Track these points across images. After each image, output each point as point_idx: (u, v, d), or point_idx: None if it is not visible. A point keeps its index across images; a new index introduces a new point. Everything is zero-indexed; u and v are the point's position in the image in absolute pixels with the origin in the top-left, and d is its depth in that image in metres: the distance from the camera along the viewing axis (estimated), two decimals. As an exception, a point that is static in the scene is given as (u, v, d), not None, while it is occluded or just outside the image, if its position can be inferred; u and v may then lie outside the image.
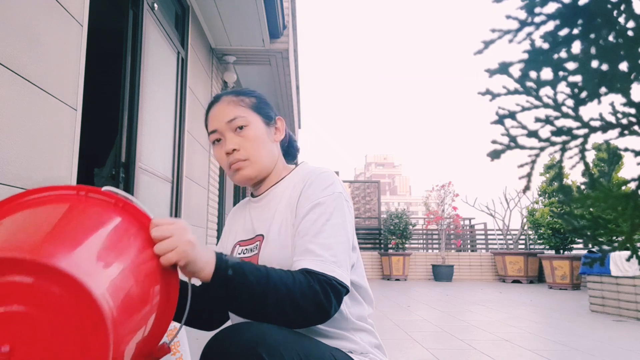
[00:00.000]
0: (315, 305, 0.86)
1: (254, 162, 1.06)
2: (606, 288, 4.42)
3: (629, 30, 0.33)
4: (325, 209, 0.97)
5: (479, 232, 10.47)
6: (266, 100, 1.14)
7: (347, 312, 1.00)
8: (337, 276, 0.89)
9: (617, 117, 0.36)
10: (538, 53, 0.36)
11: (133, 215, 0.75)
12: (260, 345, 0.76)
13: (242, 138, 1.05)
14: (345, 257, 0.94)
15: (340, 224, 0.96)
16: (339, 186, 1.02)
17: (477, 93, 0.38)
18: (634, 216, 0.36)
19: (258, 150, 1.06)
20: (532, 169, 0.38)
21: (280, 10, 4.35)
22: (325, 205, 0.97)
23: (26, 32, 1.56)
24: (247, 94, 1.11)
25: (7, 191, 1.44)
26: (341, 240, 0.95)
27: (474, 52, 0.37)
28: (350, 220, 1.01)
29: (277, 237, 1.00)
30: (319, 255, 0.91)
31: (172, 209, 3.44)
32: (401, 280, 8.69)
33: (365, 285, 1.07)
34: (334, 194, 0.99)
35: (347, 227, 0.98)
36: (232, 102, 1.08)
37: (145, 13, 2.84)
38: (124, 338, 0.61)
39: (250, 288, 0.82)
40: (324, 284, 0.87)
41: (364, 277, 1.08)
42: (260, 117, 1.09)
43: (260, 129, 1.07)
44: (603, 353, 2.63)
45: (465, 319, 3.87)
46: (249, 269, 0.83)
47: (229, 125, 1.05)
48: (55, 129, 1.73)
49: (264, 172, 1.09)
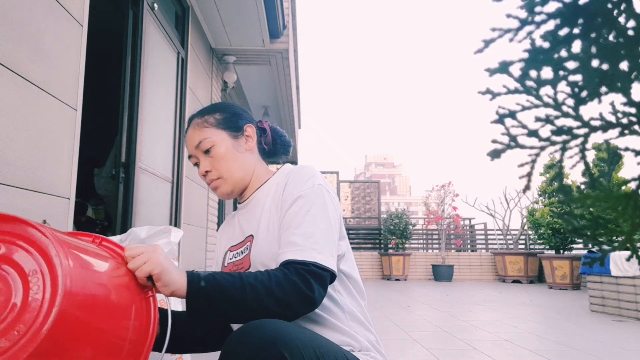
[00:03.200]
0: (297, 295, 0.87)
1: (228, 179, 1.11)
2: (606, 288, 4.42)
3: (630, 30, 0.33)
4: (306, 201, 0.99)
5: (479, 232, 10.47)
6: (235, 110, 1.16)
7: (342, 301, 1.01)
8: (317, 261, 0.90)
9: (617, 117, 0.36)
10: (538, 52, 0.35)
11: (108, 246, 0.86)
12: (280, 343, 0.77)
13: (212, 159, 1.10)
14: (328, 243, 0.95)
15: (322, 213, 0.98)
16: (319, 178, 1.04)
17: (478, 92, 0.38)
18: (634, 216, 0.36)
19: (228, 167, 1.10)
20: (532, 168, 0.38)
21: (280, 10, 4.35)
22: (306, 197, 0.99)
23: (26, 32, 1.56)
24: (211, 111, 1.14)
25: (7, 191, 1.44)
26: (322, 227, 0.96)
27: (474, 51, 0.37)
28: (334, 209, 1.02)
29: (266, 235, 1.02)
30: (299, 245, 0.92)
31: (172, 209, 3.43)
32: (401, 280, 8.69)
33: (356, 276, 1.08)
34: (314, 186, 1.01)
35: (330, 216, 0.99)
36: (198, 125, 1.12)
37: (145, 13, 2.84)
38: (88, 324, 0.69)
39: (226, 293, 0.84)
40: (301, 272, 0.88)
41: (355, 269, 1.09)
42: (226, 132, 1.12)
43: (226, 145, 1.11)
44: (603, 353, 2.63)
45: (465, 319, 3.86)
46: (221, 276, 0.86)
47: (198, 149, 1.11)
48: (55, 129, 1.73)
49: (241, 184, 1.13)
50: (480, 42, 0.36)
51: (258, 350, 0.77)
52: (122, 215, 2.58)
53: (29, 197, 1.56)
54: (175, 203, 3.47)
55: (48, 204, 1.67)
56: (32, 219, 1.56)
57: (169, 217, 3.38)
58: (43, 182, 1.64)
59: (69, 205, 1.83)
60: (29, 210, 1.55)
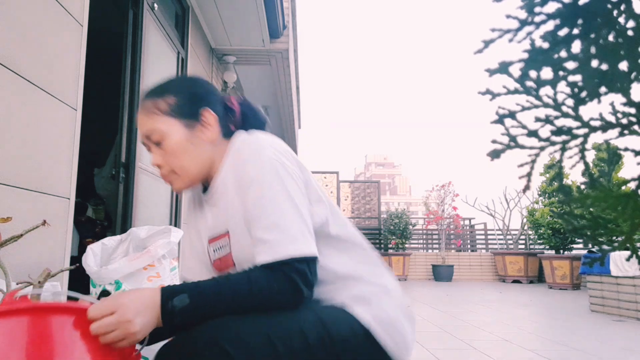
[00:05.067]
0: (284, 297, 0.82)
1: (181, 174, 0.98)
2: (606, 288, 4.42)
3: (629, 30, 0.33)
4: (257, 186, 0.88)
5: (479, 232, 10.47)
6: (193, 91, 1.01)
7: (331, 265, 0.94)
8: (292, 254, 0.83)
9: (617, 117, 0.36)
10: (538, 52, 0.36)
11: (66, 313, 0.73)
12: (220, 337, 0.74)
13: (163, 152, 0.97)
14: (298, 225, 0.86)
15: (280, 192, 0.87)
16: (266, 149, 0.91)
17: (478, 93, 0.38)
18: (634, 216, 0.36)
19: (181, 162, 0.96)
20: (532, 168, 0.38)
21: (280, 10, 4.35)
22: (256, 181, 0.88)
23: (26, 32, 1.56)
24: (164, 92, 0.99)
25: (7, 191, 1.44)
26: (285, 209, 0.86)
27: (474, 51, 0.37)
28: (294, 179, 0.91)
29: (242, 230, 0.93)
30: (266, 242, 0.84)
31: (172, 209, 3.44)
32: (401, 280, 8.69)
33: (347, 234, 0.98)
34: (263, 163, 0.89)
35: (290, 190, 0.88)
36: (148, 109, 0.98)
37: (145, 13, 2.84)
38: None
39: (207, 312, 0.79)
40: (279, 273, 0.82)
41: (346, 226, 0.99)
42: (180, 121, 0.97)
43: (179, 138, 0.96)
44: (603, 353, 2.63)
45: (465, 319, 3.86)
46: (201, 301, 0.80)
47: (149, 140, 0.98)
48: (55, 129, 1.73)
49: (198, 178, 1.00)
50: (480, 42, 0.37)
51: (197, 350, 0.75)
52: (122, 215, 2.58)
53: (29, 197, 1.56)
54: (175, 203, 3.47)
55: (48, 204, 1.67)
56: (32, 219, 1.56)
57: (169, 217, 3.38)
58: (43, 182, 1.64)
59: (69, 205, 1.83)
60: (29, 210, 1.55)
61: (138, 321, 0.75)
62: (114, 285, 1.61)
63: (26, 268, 1.49)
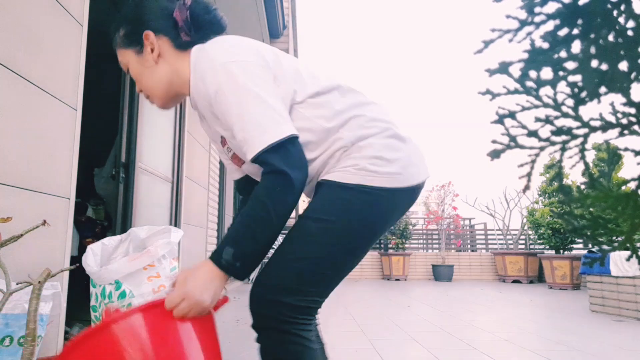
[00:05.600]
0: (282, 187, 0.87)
1: (151, 94, 1.08)
2: (606, 288, 4.42)
3: (629, 30, 0.33)
4: (220, 98, 0.92)
5: (479, 232, 10.47)
6: (134, 16, 1.05)
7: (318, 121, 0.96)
8: (267, 142, 0.88)
9: (617, 117, 0.36)
10: (538, 53, 0.36)
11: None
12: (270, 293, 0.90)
13: (133, 77, 1.08)
14: (265, 115, 0.89)
15: (240, 93, 0.90)
16: (217, 58, 0.94)
17: (478, 93, 0.38)
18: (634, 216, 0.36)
19: (147, 84, 1.06)
20: (532, 168, 0.38)
21: (280, 10, 4.35)
22: (217, 93, 0.92)
23: (26, 32, 1.56)
24: (118, 27, 1.07)
25: (7, 191, 1.44)
26: (249, 106, 0.90)
27: (474, 51, 0.37)
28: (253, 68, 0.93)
29: (230, 136, 0.99)
30: (245, 141, 0.90)
31: (172, 209, 3.43)
32: (401, 280, 8.69)
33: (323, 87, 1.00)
34: (216, 75, 0.93)
35: (250, 86, 0.91)
36: (115, 44, 1.09)
37: (145, 13, 2.84)
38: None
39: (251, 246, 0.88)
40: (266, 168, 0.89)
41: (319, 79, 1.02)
42: (131, 49, 1.05)
43: (134, 64, 1.06)
44: (603, 353, 2.63)
45: (465, 319, 3.87)
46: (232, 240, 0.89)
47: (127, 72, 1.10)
48: (55, 129, 1.73)
49: (168, 94, 1.07)
50: (480, 42, 0.37)
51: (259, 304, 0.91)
52: (122, 215, 2.58)
53: (29, 197, 1.56)
54: (175, 203, 3.47)
55: (48, 204, 1.68)
56: (32, 219, 1.56)
57: (169, 217, 3.38)
58: (43, 182, 1.64)
59: (69, 205, 1.83)
60: (29, 210, 1.56)
61: (205, 297, 0.86)
62: (114, 285, 1.61)
63: (26, 268, 1.49)
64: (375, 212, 0.94)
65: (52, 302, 1.33)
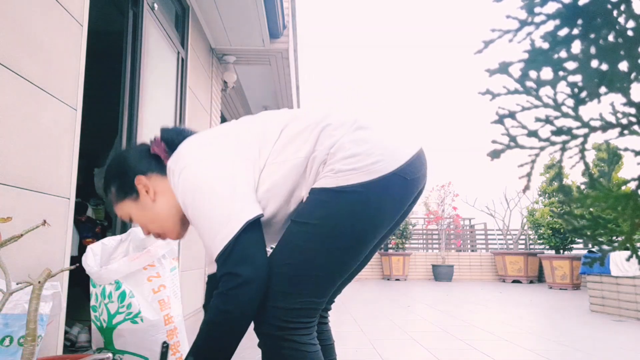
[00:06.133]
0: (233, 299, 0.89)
1: (161, 232, 1.12)
2: (606, 288, 4.42)
3: (629, 30, 0.33)
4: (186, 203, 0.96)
5: (479, 232, 10.46)
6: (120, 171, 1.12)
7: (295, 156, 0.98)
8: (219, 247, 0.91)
9: (617, 117, 0.36)
10: (538, 53, 0.36)
11: None
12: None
13: (138, 224, 1.13)
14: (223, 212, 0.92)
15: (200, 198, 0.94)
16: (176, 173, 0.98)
17: (478, 93, 0.38)
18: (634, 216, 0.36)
19: (151, 226, 1.11)
20: (532, 168, 0.38)
21: (280, 10, 4.35)
22: (182, 198, 0.97)
23: (26, 32, 1.56)
24: (108, 186, 1.14)
25: (7, 191, 1.44)
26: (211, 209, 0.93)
27: (474, 51, 0.37)
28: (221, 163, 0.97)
29: None
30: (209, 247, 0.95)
31: (172, 209, 3.44)
32: (401, 280, 8.69)
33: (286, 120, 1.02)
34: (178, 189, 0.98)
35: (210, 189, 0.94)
36: (111, 204, 1.15)
37: (145, 13, 2.84)
38: None
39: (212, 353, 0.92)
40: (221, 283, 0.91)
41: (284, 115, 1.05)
42: (127, 200, 1.11)
43: (135, 211, 1.10)
44: (603, 353, 2.63)
45: (465, 319, 3.86)
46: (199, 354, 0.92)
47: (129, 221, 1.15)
48: (55, 129, 1.73)
49: (177, 225, 1.12)
50: (480, 42, 0.37)
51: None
52: (122, 215, 2.58)
53: (29, 197, 1.56)
54: (175, 203, 3.46)
55: (48, 204, 1.68)
56: (32, 219, 1.56)
57: (169, 217, 3.38)
58: (43, 182, 1.65)
59: (69, 205, 1.83)
60: (29, 210, 1.56)
61: None
62: (114, 285, 1.61)
63: (26, 268, 1.49)
64: (359, 209, 0.93)
65: (52, 302, 1.33)
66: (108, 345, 1.60)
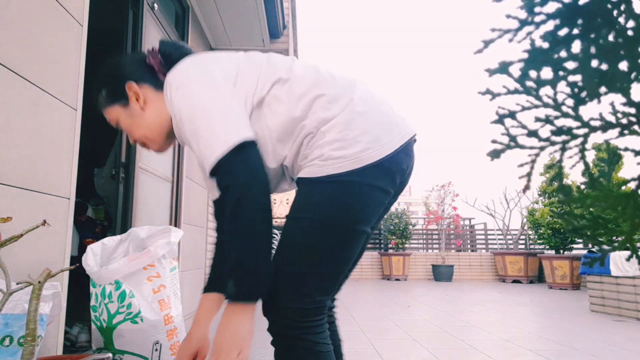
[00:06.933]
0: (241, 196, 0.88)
1: (146, 141, 1.12)
2: (606, 288, 4.42)
3: (629, 30, 0.33)
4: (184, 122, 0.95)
5: (479, 232, 10.46)
6: (113, 73, 1.10)
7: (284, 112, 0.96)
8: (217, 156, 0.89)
9: (617, 117, 0.36)
10: (538, 52, 0.36)
11: None
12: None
13: (125, 130, 1.13)
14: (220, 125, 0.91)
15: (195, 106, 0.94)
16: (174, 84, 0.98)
17: (478, 93, 0.38)
18: (634, 216, 0.36)
19: (137, 133, 1.10)
20: (532, 168, 0.38)
21: (280, 10, 4.35)
22: (178, 113, 0.97)
23: (26, 32, 1.56)
24: (99, 88, 1.12)
25: (7, 191, 1.44)
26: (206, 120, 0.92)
27: (474, 51, 0.37)
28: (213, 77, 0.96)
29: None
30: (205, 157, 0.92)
31: (172, 209, 3.43)
32: (401, 280, 8.69)
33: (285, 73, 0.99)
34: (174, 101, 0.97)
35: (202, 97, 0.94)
36: (99, 104, 1.14)
37: (145, 13, 2.84)
38: None
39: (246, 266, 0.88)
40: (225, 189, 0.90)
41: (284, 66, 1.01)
42: (117, 105, 1.10)
43: (123, 117, 1.10)
44: (603, 353, 2.63)
45: (465, 319, 3.86)
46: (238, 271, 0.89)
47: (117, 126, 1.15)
48: (55, 129, 1.73)
49: (163, 136, 1.11)
50: (480, 42, 0.37)
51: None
52: (122, 215, 2.58)
53: (29, 197, 1.56)
54: (175, 203, 3.47)
55: (48, 204, 1.67)
56: (32, 219, 1.56)
57: (169, 217, 3.38)
58: (43, 182, 1.64)
59: (69, 205, 1.83)
60: (29, 210, 1.56)
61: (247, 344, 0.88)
62: (114, 285, 1.61)
63: (26, 268, 1.49)
64: (350, 198, 0.92)
65: (52, 302, 1.33)
66: (108, 345, 1.60)
